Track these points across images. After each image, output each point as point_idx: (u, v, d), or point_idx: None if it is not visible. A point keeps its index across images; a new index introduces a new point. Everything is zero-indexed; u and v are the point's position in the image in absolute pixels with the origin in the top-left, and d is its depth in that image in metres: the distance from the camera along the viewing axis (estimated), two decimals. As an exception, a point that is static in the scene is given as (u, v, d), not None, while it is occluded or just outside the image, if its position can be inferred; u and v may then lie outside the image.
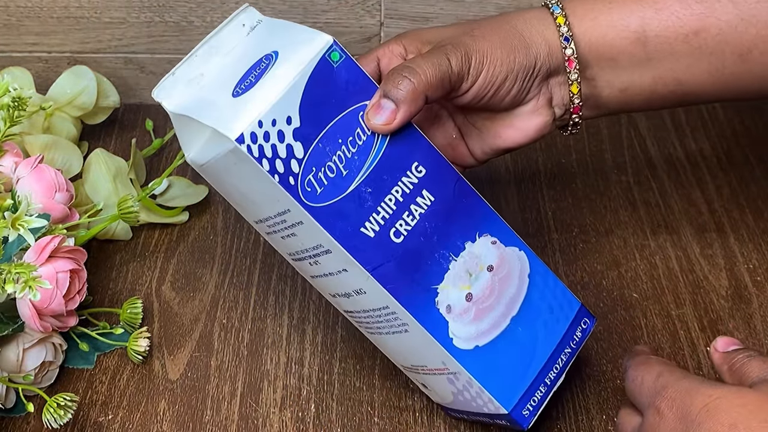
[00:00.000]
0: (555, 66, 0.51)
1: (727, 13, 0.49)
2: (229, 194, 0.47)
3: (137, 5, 0.70)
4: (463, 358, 0.45)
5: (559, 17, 0.51)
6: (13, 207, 0.52)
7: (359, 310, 0.47)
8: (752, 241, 0.65)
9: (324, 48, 0.44)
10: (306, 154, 0.42)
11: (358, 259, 0.43)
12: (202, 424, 0.53)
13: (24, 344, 0.52)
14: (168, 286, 0.61)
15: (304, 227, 0.43)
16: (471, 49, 0.48)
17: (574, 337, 0.49)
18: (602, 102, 0.53)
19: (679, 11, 0.50)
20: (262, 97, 0.42)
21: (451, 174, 0.47)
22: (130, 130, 0.74)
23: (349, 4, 0.70)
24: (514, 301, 0.47)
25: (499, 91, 0.50)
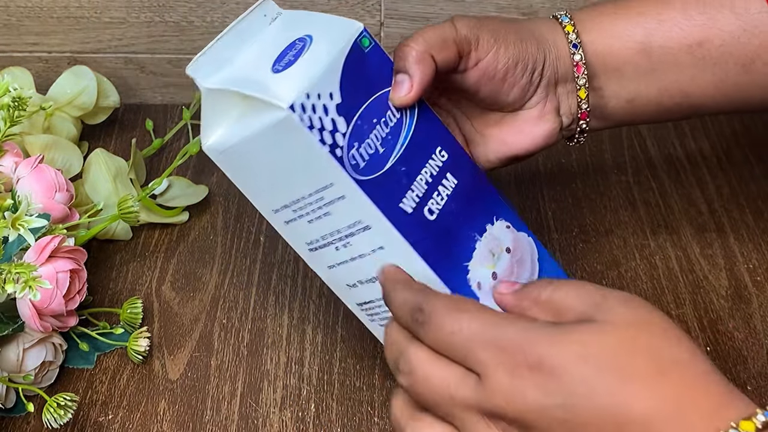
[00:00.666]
0: (563, 72, 0.51)
1: (729, 24, 0.50)
2: (251, 180, 0.46)
3: (137, 5, 0.70)
4: None
5: (567, 26, 0.51)
6: (13, 207, 0.52)
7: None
8: (752, 241, 0.65)
9: (356, 33, 0.45)
10: (348, 129, 0.43)
11: (401, 231, 0.44)
12: (202, 424, 0.53)
13: (24, 344, 0.52)
14: (168, 286, 0.61)
15: (345, 202, 0.43)
16: (483, 24, 0.49)
17: None
18: (609, 113, 0.54)
19: (682, 22, 0.51)
20: (305, 72, 0.42)
21: (467, 160, 0.49)
22: (130, 130, 0.74)
23: (349, 4, 0.70)
24: None
25: (507, 77, 0.50)
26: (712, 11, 0.50)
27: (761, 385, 0.55)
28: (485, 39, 0.49)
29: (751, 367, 0.56)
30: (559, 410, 0.33)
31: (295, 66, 0.43)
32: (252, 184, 0.46)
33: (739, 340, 0.58)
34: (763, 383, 0.55)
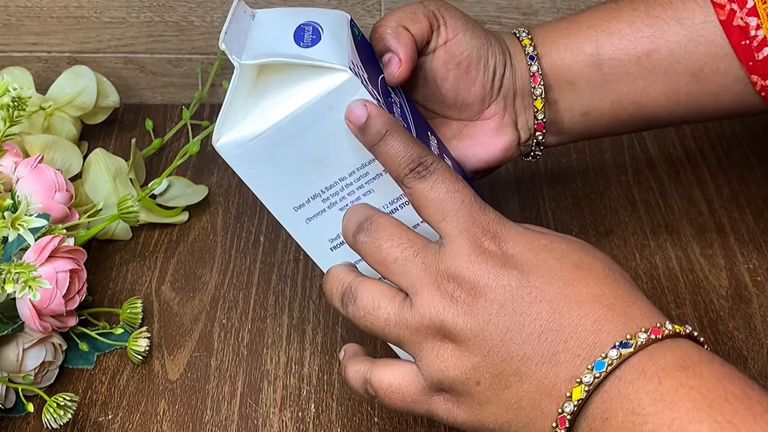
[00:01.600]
0: (520, 85, 0.53)
1: (675, 34, 0.51)
2: (277, 172, 0.43)
3: (137, 5, 0.70)
4: None
5: (525, 39, 0.54)
6: (12, 207, 0.52)
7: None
8: (752, 241, 0.65)
9: (349, 20, 0.46)
10: (381, 100, 0.43)
11: None
12: (202, 424, 0.53)
13: (24, 344, 0.52)
14: (168, 286, 0.61)
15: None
16: (452, 8, 0.51)
17: None
18: (565, 127, 0.55)
19: (630, 34, 0.52)
20: (337, 46, 0.42)
21: (446, 148, 0.52)
22: (130, 130, 0.74)
23: (349, 3, 0.70)
24: None
25: (471, 69, 0.51)
26: (658, 22, 0.52)
27: (762, 385, 0.55)
28: (454, 19, 0.51)
29: (751, 367, 0.56)
30: (514, 281, 0.38)
31: (322, 42, 0.42)
32: (275, 179, 0.44)
33: (740, 340, 0.58)
34: (763, 383, 0.55)
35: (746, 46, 0.50)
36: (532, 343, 0.37)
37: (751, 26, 0.49)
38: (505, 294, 0.38)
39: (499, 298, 0.38)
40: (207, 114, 0.75)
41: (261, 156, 0.42)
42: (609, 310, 0.38)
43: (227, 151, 0.42)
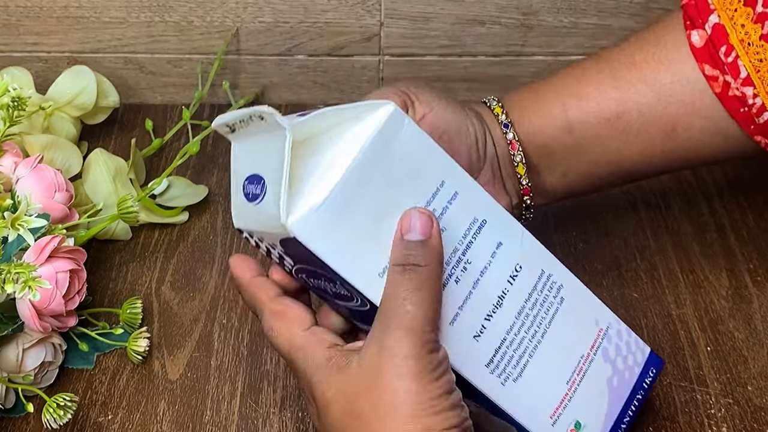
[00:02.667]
0: (501, 152, 0.52)
1: (643, 95, 0.50)
2: (359, 232, 0.39)
3: (137, 5, 0.70)
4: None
5: (496, 108, 0.53)
6: (12, 207, 0.52)
7: (515, 310, 0.44)
8: (753, 241, 0.65)
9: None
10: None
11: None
12: (202, 424, 0.53)
13: (24, 344, 0.52)
14: (168, 286, 0.61)
15: (459, 200, 0.42)
16: (421, 84, 0.50)
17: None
18: (549, 189, 0.54)
19: (598, 97, 0.51)
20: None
21: None
22: (130, 130, 0.74)
23: (349, 3, 0.70)
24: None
25: (454, 139, 0.49)
26: (625, 84, 0.51)
27: (762, 385, 0.55)
28: (426, 94, 0.49)
29: (751, 367, 0.56)
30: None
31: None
32: (356, 247, 0.40)
33: (740, 340, 0.58)
34: (763, 383, 0.55)
35: (745, 113, 0.49)
36: None
37: (748, 95, 0.48)
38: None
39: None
40: (207, 114, 0.75)
41: (336, 221, 0.39)
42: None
43: (302, 229, 0.38)
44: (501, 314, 0.43)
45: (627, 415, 0.48)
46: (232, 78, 0.74)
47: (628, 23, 0.71)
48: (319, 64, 0.74)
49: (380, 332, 0.38)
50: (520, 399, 0.44)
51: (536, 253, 0.45)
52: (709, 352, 0.57)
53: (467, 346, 0.42)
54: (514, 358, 0.44)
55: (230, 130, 0.42)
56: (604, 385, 0.47)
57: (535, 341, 0.44)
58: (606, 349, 0.47)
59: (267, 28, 0.71)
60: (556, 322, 0.45)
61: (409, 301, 0.38)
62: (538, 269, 0.45)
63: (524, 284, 0.44)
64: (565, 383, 0.45)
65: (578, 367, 0.46)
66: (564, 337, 0.45)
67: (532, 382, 0.44)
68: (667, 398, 0.55)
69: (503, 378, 0.43)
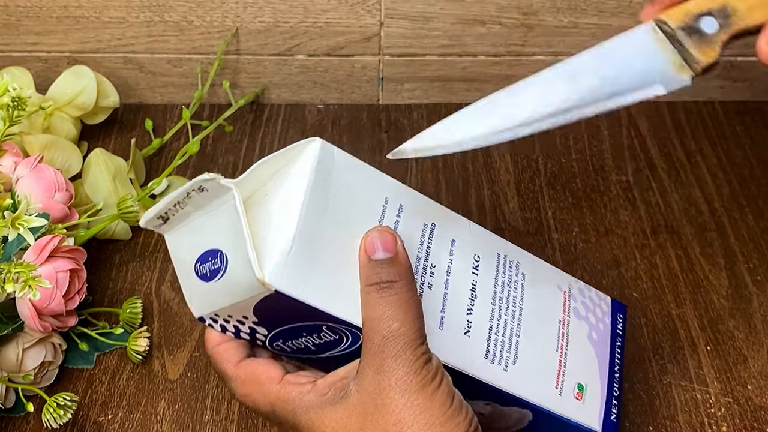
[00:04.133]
0: None
1: None
2: (329, 267, 0.39)
3: (137, 5, 0.70)
4: None
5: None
6: (12, 206, 0.52)
7: (489, 297, 0.45)
8: (752, 241, 0.65)
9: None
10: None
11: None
12: (202, 424, 0.53)
13: (24, 344, 0.52)
14: (168, 286, 0.61)
15: (407, 208, 0.43)
16: None
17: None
18: None
19: None
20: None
21: None
22: (130, 129, 0.74)
23: (349, 3, 0.70)
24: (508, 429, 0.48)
25: None
26: None
27: (761, 384, 0.55)
28: None
29: (751, 367, 0.56)
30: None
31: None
32: (330, 282, 0.40)
33: (740, 339, 0.58)
34: (763, 382, 0.55)
35: None
36: None
37: None
38: None
39: None
40: (207, 114, 0.75)
41: (308, 262, 0.39)
42: None
43: (279, 277, 0.37)
44: (479, 305, 0.44)
45: (615, 364, 0.49)
46: (232, 78, 0.74)
47: (628, 23, 0.72)
48: (319, 64, 0.74)
49: (372, 354, 0.38)
50: (525, 379, 0.44)
51: (487, 239, 0.47)
52: (709, 352, 0.57)
53: (462, 344, 0.43)
54: (505, 342, 0.44)
55: (162, 221, 0.41)
56: (586, 342, 0.48)
57: (517, 320, 0.45)
58: (575, 308, 0.49)
59: (267, 28, 0.71)
60: (526, 296, 0.47)
61: (394, 319, 0.38)
62: (494, 253, 0.46)
63: (487, 271, 0.45)
64: (555, 351, 0.47)
65: (560, 333, 0.47)
66: (538, 309, 0.47)
67: (529, 360, 0.45)
68: (667, 397, 0.55)
69: (503, 365, 0.44)
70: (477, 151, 0.72)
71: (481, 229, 0.47)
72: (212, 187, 0.38)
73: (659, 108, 0.77)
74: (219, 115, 0.71)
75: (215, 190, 0.38)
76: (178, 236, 0.42)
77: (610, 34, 0.75)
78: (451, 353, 0.41)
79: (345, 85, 0.75)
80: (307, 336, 0.41)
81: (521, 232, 0.65)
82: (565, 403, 0.46)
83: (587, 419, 0.46)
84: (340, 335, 0.40)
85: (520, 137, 0.41)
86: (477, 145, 0.41)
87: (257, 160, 0.41)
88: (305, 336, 0.41)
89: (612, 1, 0.70)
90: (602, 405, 0.47)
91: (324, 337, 0.41)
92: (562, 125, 0.41)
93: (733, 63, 0.75)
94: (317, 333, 0.41)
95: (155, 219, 0.41)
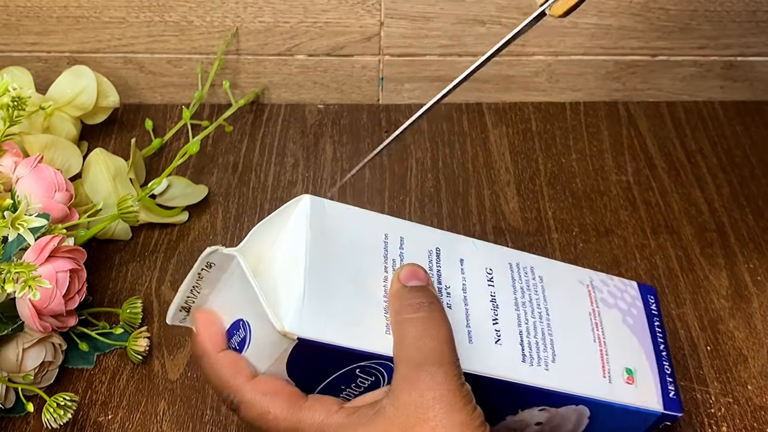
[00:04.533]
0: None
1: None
2: (343, 311, 0.40)
3: (137, 5, 0.70)
4: None
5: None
6: (12, 206, 0.52)
7: (512, 304, 0.45)
8: (752, 241, 0.65)
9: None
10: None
11: None
12: (202, 424, 0.53)
13: (24, 344, 0.52)
14: (168, 286, 0.61)
15: (408, 240, 0.45)
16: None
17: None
18: None
19: None
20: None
21: None
22: (130, 129, 0.74)
23: (349, 3, 0.69)
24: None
25: None
26: None
27: (761, 384, 0.55)
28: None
29: (751, 367, 0.56)
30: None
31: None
32: (350, 314, 0.41)
33: (740, 339, 0.58)
34: (763, 383, 0.55)
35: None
36: None
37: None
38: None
39: None
40: (207, 114, 0.75)
41: (324, 304, 0.40)
42: None
43: (300, 324, 0.38)
44: (503, 313, 0.44)
45: (659, 344, 0.49)
46: (232, 78, 0.74)
47: (628, 23, 0.72)
48: (319, 64, 0.74)
49: (409, 371, 0.38)
50: (569, 375, 0.44)
51: (494, 251, 0.47)
52: (709, 352, 0.57)
53: (496, 353, 0.43)
54: (539, 343, 0.45)
55: (186, 313, 0.43)
56: (623, 328, 0.48)
57: (545, 321, 0.46)
58: (603, 299, 0.49)
59: (267, 28, 0.71)
60: (549, 297, 0.47)
61: (430, 338, 0.38)
62: (506, 263, 0.47)
63: (503, 280, 0.46)
64: (594, 342, 0.47)
65: (593, 324, 0.47)
66: (564, 306, 0.47)
67: (568, 356, 0.45)
68: (667, 398, 0.55)
69: (543, 365, 0.44)
70: (477, 151, 0.72)
71: (486, 244, 0.47)
72: (218, 260, 0.40)
73: (659, 108, 0.77)
74: (219, 115, 0.71)
75: (221, 262, 0.40)
76: None
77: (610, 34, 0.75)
78: (487, 364, 0.42)
79: (345, 85, 0.75)
80: (346, 389, 0.41)
81: (521, 232, 0.65)
82: (618, 390, 0.45)
83: (646, 402, 0.46)
84: (375, 375, 0.41)
85: None
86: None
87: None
88: (344, 390, 0.41)
89: (612, 1, 0.70)
90: (657, 385, 0.47)
91: (362, 384, 0.41)
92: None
93: (733, 63, 0.75)
94: (354, 382, 0.41)
95: (178, 313, 0.42)
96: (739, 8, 0.71)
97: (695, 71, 0.76)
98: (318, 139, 0.73)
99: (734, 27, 0.72)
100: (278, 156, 0.71)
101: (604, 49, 0.74)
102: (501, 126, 0.75)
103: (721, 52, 0.74)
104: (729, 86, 0.77)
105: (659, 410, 0.46)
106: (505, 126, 0.75)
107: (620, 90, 0.77)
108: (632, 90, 0.77)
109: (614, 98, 0.77)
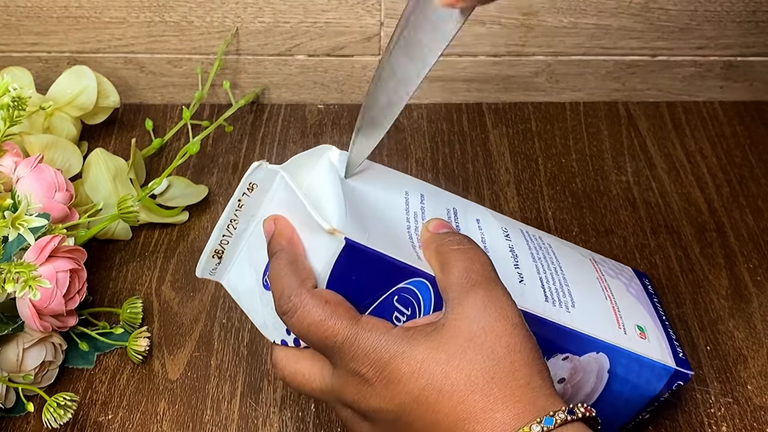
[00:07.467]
0: None
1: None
2: (372, 210, 0.43)
3: (137, 5, 0.70)
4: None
5: None
6: (13, 206, 0.52)
7: (529, 256, 0.47)
8: (752, 241, 0.65)
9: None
10: None
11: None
12: (202, 423, 0.53)
13: (24, 344, 0.52)
14: (168, 286, 0.61)
15: (428, 198, 0.47)
16: None
17: (661, 397, 0.48)
18: None
19: None
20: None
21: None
22: (130, 129, 0.74)
23: (349, 3, 0.70)
24: (589, 397, 0.47)
25: None
26: None
27: (761, 384, 0.55)
28: None
29: (751, 367, 0.56)
30: (392, 415, 0.38)
31: None
32: (386, 237, 0.42)
33: (740, 339, 0.58)
34: (763, 383, 0.55)
35: None
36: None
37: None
38: (390, 423, 0.39)
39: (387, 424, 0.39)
40: (207, 114, 0.75)
41: (362, 220, 0.41)
42: (503, 396, 0.36)
43: (345, 225, 0.40)
44: (522, 261, 0.46)
45: (662, 315, 0.50)
46: (232, 78, 0.74)
47: (628, 23, 0.72)
48: (319, 64, 0.74)
49: (462, 294, 0.39)
50: (589, 320, 0.45)
51: (507, 219, 0.50)
52: (708, 352, 0.57)
53: (521, 291, 0.44)
54: (558, 289, 0.46)
55: (218, 260, 0.44)
56: (628, 295, 0.50)
57: (560, 274, 0.47)
58: (606, 271, 0.51)
59: (267, 28, 0.71)
60: (560, 258, 0.49)
61: (480, 263, 0.40)
62: (518, 229, 0.49)
63: (518, 239, 0.48)
64: (605, 299, 0.48)
65: (602, 286, 0.49)
66: (575, 266, 0.49)
67: (585, 304, 0.46)
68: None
69: (565, 306, 0.45)
70: (477, 151, 0.72)
71: (498, 214, 0.50)
72: (260, 179, 0.41)
73: (659, 108, 0.77)
74: (219, 115, 0.71)
75: (263, 181, 0.41)
76: (238, 267, 0.44)
77: (609, 34, 0.75)
78: (515, 299, 0.42)
79: (345, 85, 0.76)
80: (383, 318, 0.41)
81: (521, 232, 0.65)
82: (634, 342, 0.46)
83: (660, 356, 0.46)
84: (411, 306, 0.41)
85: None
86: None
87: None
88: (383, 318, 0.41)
89: (612, 1, 0.70)
90: (667, 345, 0.48)
91: (398, 316, 0.41)
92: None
93: (733, 63, 0.75)
94: (390, 312, 0.41)
95: (210, 261, 0.43)
96: (738, 8, 0.71)
97: (695, 71, 0.76)
98: (318, 139, 0.73)
99: (734, 27, 0.72)
100: (278, 156, 0.71)
101: (604, 49, 0.74)
102: (501, 126, 0.75)
103: (720, 52, 0.74)
104: (729, 86, 0.77)
105: (672, 366, 0.46)
106: (505, 126, 0.75)
107: (620, 90, 0.77)
108: (632, 90, 0.77)
109: (614, 98, 0.78)
